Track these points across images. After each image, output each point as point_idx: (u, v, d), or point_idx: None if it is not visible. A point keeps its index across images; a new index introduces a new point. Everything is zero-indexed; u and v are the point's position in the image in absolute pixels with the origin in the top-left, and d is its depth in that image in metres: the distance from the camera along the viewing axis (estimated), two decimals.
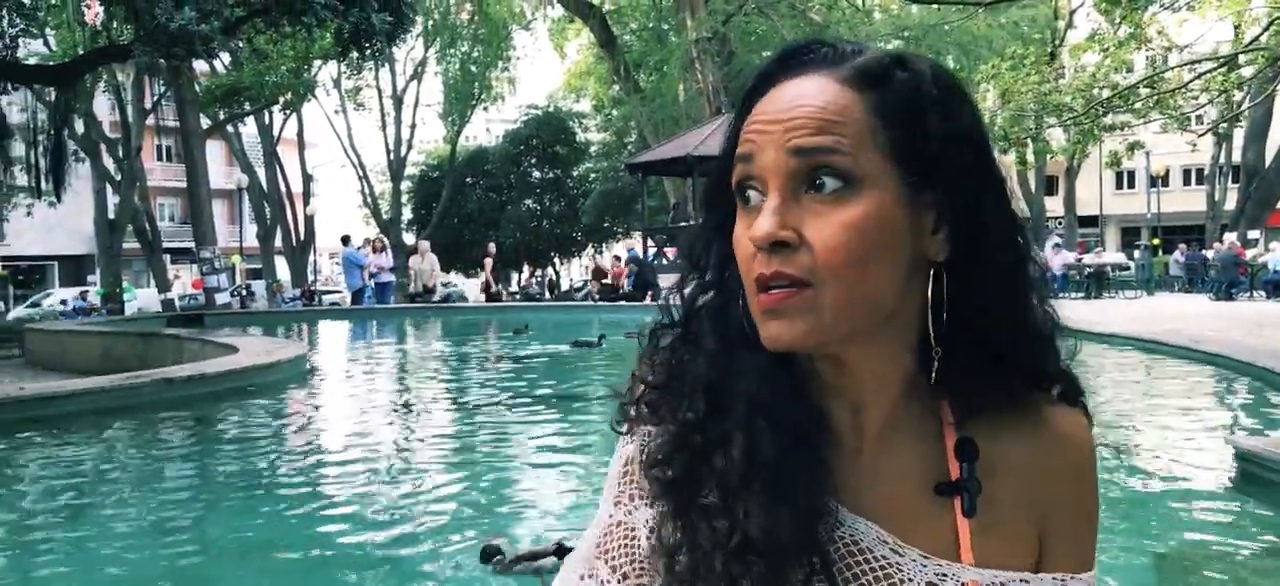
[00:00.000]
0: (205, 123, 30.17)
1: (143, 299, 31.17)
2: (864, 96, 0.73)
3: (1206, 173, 36.09)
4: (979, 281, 0.75)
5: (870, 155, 0.71)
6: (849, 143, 0.71)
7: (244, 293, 25.80)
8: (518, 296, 29.85)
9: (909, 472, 0.78)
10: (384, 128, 37.23)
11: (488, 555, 3.63)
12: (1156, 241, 32.41)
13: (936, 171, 0.73)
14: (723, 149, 0.79)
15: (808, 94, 0.73)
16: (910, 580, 0.75)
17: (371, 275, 20.93)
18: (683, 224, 22.03)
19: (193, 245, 24.94)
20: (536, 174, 35.81)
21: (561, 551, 3.32)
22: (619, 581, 0.77)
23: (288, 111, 34.61)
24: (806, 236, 0.70)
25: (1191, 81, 15.67)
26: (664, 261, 20.65)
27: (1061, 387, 0.82)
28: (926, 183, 0.73)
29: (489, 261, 23.77)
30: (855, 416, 0.78)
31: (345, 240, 22.58)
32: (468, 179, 35.99)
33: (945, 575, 0.75)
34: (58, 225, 35.96)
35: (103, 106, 32.18)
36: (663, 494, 0.76)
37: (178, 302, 26.47)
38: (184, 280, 32.84)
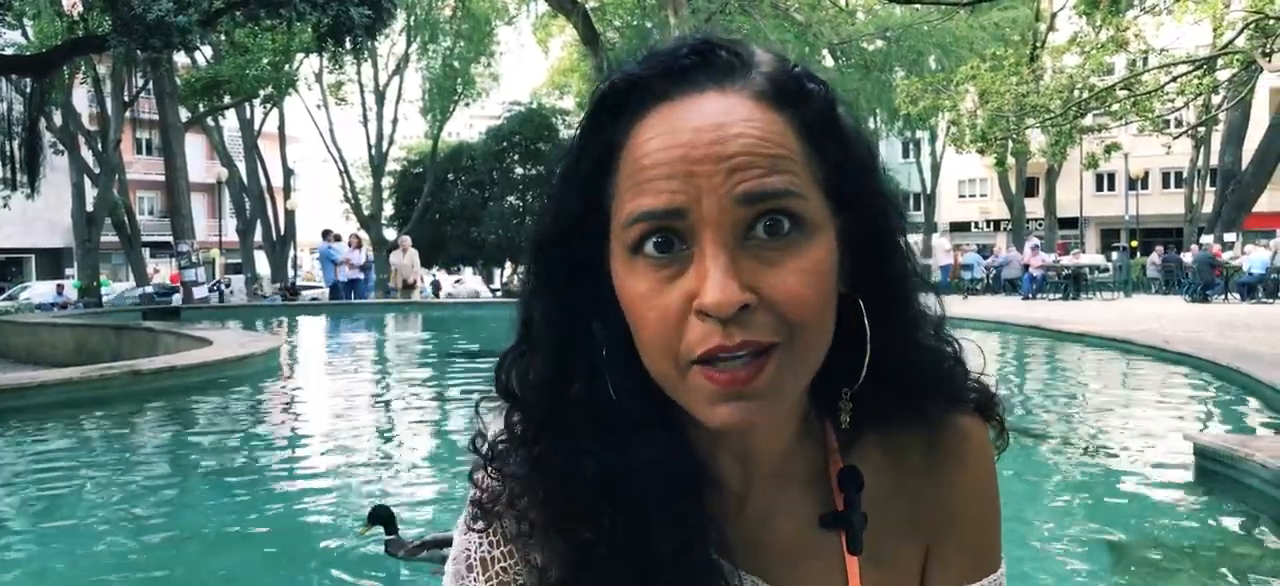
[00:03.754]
0: (185, 116, 29.97)
1: (117, 291, 30.90)
2: (789, 118, 0.64)
3: (1185, 175, 36.41)
4: (875, 305, 0.70)
5: (813, 192, 0.63)
6: (800, 182, 0.62)
7: (223, 287, 25.67)
8: (500, 293, 29.81)
9: (796, 509, 0.73)
10: (366, 123, 37.10)
11: (376, 519, 3.38)
12: (1135, 243, 32.65)
13: (849, 198, 0.66)
14: (568, 191, 0.68)
15: (735, 120, 0.61)
16: None
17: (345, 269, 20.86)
18: None
19: (171, 239, 24.76)
20: (519, 170, 35.61)
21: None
22: None
23: (268, 105, 34.46)
24: (764, 292, 0.60)
25: (1167, 84, 15.81)
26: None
27: (974, 400, 0.77)
28: (840, 210, 0.66)
29: None
30: (744, 465, 0.72)
31: (325, 234, 22.48)
32: (449, 175, 35.78)
33: None
34: (36, 218, 35.62)
35: (82, 99, 31.91)
36: None
37: (155, 296, 26.27)
38: (163, 274, 32.55)
